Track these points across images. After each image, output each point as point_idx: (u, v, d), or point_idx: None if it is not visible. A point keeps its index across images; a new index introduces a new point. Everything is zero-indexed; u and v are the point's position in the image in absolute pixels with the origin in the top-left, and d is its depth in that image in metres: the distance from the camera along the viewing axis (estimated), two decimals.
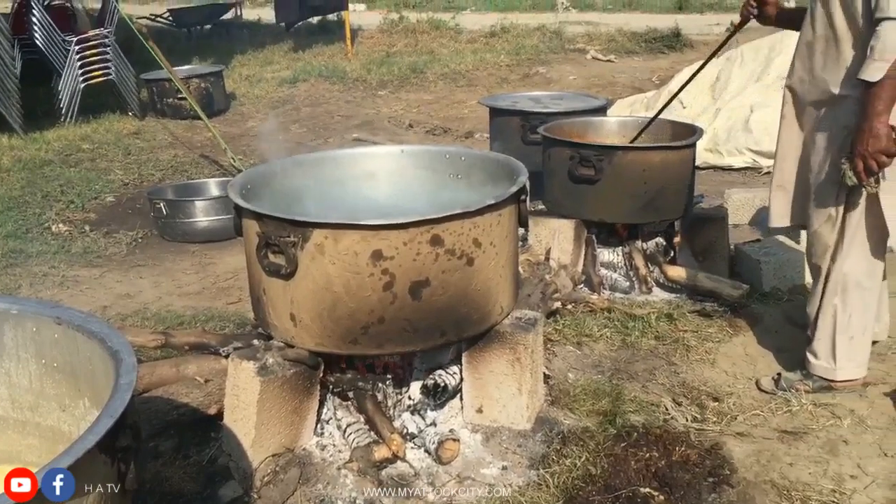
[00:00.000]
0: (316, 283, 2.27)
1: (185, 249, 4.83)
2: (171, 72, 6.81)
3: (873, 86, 2.50)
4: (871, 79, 2.49)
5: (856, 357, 2.92)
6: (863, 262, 2.83)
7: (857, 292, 2.86)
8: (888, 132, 2.51)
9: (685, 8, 17.75)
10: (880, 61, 2.46)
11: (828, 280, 2.88)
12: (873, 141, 2.51)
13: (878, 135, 2.51)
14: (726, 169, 6.17)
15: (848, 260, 2.82)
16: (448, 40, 12.99)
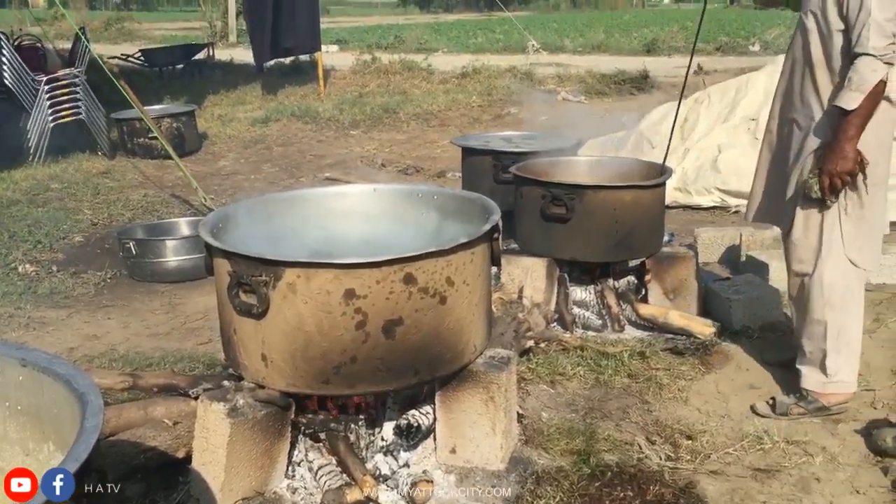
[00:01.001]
0: (288, 323, 2.25)
1: (155, 290, 4.78)
2: (142, 111, 6.79)
3: (848, 113, 2.73)
4: (847, 107, 2.73)
5: (847, 369, 3.02)
6: (846, 270, 2.94)
7: (845, 303, 2.97)
8: (855, 156, 2.77)
9: (653, 51, 18.11)
10: (857, 92, 2.70)
11: (812, 291, 2.99)
12: (842, 163, 2.77)
13: (846, 157, 2.76)
14: (695, 208, 6.24)
15: (829, 269, 2.94)
16: (420, 81, 13.11)
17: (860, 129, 2.76)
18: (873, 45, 2.67)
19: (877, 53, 2.67)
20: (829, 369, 3.01)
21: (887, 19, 2.67)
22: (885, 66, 2.68)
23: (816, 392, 3.04)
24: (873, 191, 2.88)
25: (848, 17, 2.75)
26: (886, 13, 2.68)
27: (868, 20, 2.67)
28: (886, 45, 2.67)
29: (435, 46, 20.45)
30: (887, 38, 2.68)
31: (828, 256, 2.94)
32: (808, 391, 3.06)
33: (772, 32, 19.99)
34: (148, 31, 29.24)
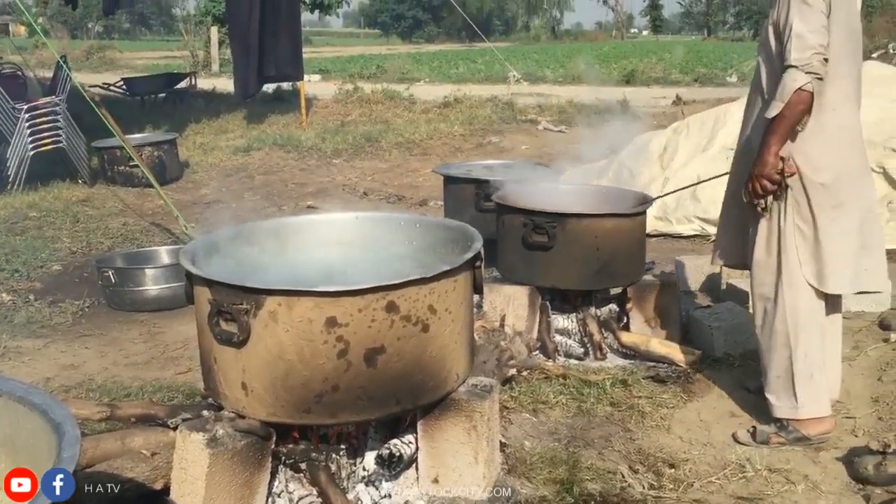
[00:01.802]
0: (269, 352, 2.23)
1: (134, 318, 4.73)
2: (123, 139, 6.77)
3: (771, 121, 2.83)
4: (768, 115, 2.84)
5: (815, 395, 3.01)
6: (807, 294, 2.97)
7: (808, 327, 2.97)
8: (775, 162, 2.86)
9: (632, 81, 18.34)
10: (778, 101, 2.80)
11: (776, 316, 3.01)
12: (760, 166, 2.88)
13: (765, 162, 2.87)
14: (675, 237, 6.29)
15: (790, 293, 2.96)
16: (402, 110, 13.19)
17: (780, 137, 2.84)
18: (795, 56, 2.75)
19: (798, 64, 2.74)
20: (800, 395, 3.01)
21: (810, 31, 2.75)
22: (806, 76, 2.74)
23: (790, 420, 3.04)
24: (834, 213, 2.90)
25: (781, 38, 2.85)
26: (809, 24, 2.76)
27: (791, 34, 2.77)
28: (809, 55, 2.74)
29: (417, 76, 20.62)
30: (810, 49, 2.74)
31: (787, 279, 2.97)
32: (785, 420, 3.05)
33: (748, 64, 20.28)
34: (130, 60, 29.28)
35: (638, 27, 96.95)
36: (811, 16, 2.77)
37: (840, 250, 2.94)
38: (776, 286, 3.00)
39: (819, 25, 2.77)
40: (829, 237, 2.91)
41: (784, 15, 2.83)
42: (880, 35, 17.64)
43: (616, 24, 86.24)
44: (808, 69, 2.74)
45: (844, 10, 2.85)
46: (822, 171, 2.88)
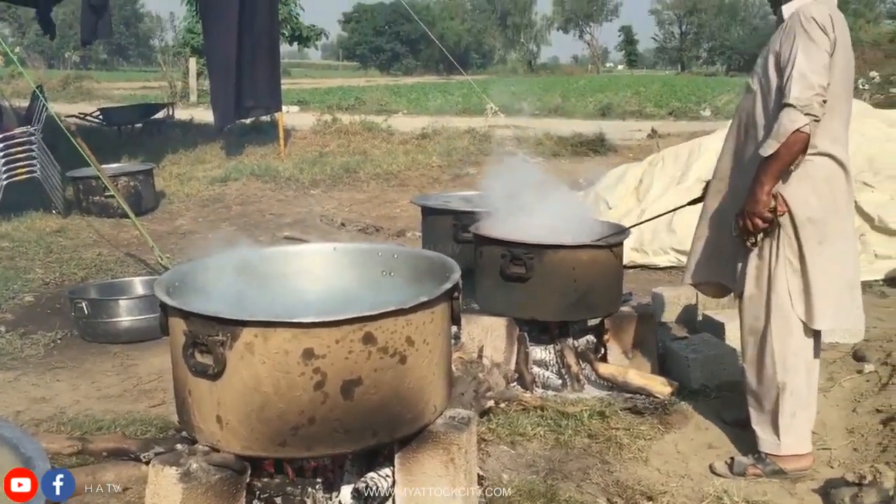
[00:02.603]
0: (244, 384, 2.21)
1: (107, 350, 4.67)
2: (98, 169, 6.73)
3: (766, 159, 2.83)
4: (763, 153, 2.84)
5: (798, 432, 3.03)
6: (798, 330, 2.97)
7: (798, 364, 2.98)
8: (767, 200, 2.86)
9: (608, 115, 18.56)
10: (774, 140, 2.80)
11: (766, 352, 3.01)
12: (752, 204, 2.89)
13: (757, 200, 2.87)
14: (652, 268, 6.33)
15: (781, 328, 2.97)
16: (380, 141, 13.23)
17: (774, 176, 2.84)
18: (795, 95, 2.74)
19: (797, 104, 2.73)
20: (783, 432, 3.02)
21: (813, 71, 2.74)
22: (805, 117, 2.73)
23: (773, 455, 3.05)
24: (820, 248, 2.90)
25: (782, 72, 2.84)
26: (813, 64, 2.75)
27: (793, 71, 2.76)
28: (810, 95, 2.73)
29: (395, 108, 20.73)
30: (811, 90, 2.73)
31: (776, 315, 2.97)
32: (764, 453, 3.07)
33: (722, 98, 20.67)
34: (107, 90, 29.18)
35: (613, 61, 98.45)
36: (816, 55, 2.75)
37: (827, 286, 2.94)
38: (766, 322, 3.00)
39: (822, 65, 2.76)
40: (817, 273, 2.91)
41: (789, 48, 2.81)
42: None
43: (592, 58, 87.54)
44: (808, 111, 2.73)
45: (843, 49, 2.84)
46: (811, 207, 2.89)
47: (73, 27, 38.74)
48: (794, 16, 2.85)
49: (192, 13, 21.83)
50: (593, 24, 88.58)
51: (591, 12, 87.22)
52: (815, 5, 2.85)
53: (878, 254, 5.85)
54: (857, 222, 5.97)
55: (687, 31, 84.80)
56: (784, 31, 2.88)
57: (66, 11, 39.86)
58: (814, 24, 2.77)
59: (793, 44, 2.80)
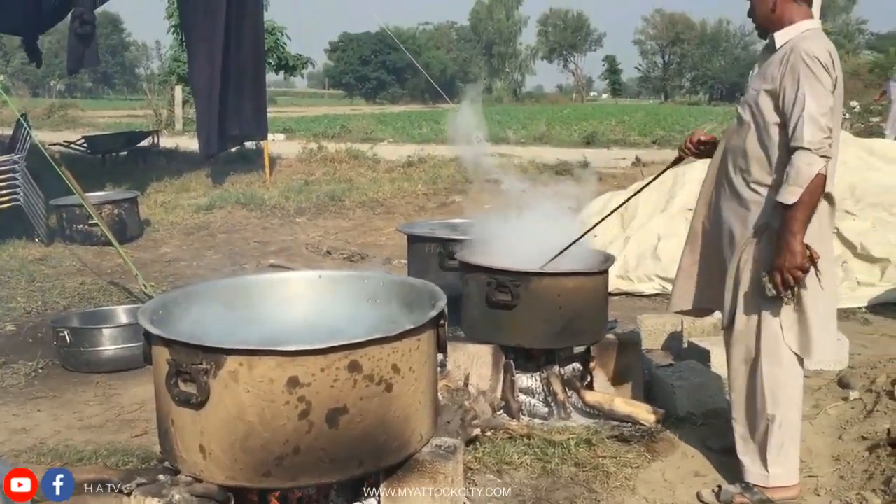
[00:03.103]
0: (228, 413, 2.19)
1: (89, 380, 4.61)
2: (82, 197, 6.69)
3: (790, 208, 2.75)
4: (787, 201, 2.75)
5: (786, 463, 3.01)
6: (789, 362, 2.96)
7: (788, 396, 2.97)
8: (803, 250, 2.77)
9: (593, 143, 18.70)
10: (795, 186, 2.73)
11: (756, 384, 2.99)
12: (790, 257, 2.77)
13: (794, 252, 2.76)
14: (637, 295, 6.34)
15: (772, 361, 2.95)
16: (366, 169, 13.26)
17: (804, 223, 2.77)
18: (809, 139, 2.71)
19: (812, 147, 2.71)
20: (771, 464, 3.00)
21: (822, 113, 2.73)
22: (821, 160, 2.72)
23: (760, 486, 3.03)
24: (813, 281, 2.89)
25: (784, 110, 2.81)
26: (821, 107, 2.73)
27: (803, 114, 2.73)
28: (822, 138, 2.72)
29: (381, 136, 20.81)
30: (822, 132, 2.72)
31: (766, 347, 2.95)
32: (752, 484, 3.05)
33: (705, 127, 20.80)
34: (92, 118, 29.16)
35: (597, 91, 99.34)
36: (824, 99, 2.74)
37: (822, 318, 2.93)
38: (756, 354, 2.99)
39: (829, 107, 2.75)
40: (812, 305, 2.89)
41: (794, 88, 2.78)
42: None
43: (576, 87, 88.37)
44: (823, 153, 2.72)
45: (839, 86, 2.85)
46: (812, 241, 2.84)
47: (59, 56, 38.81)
48: (796, 52, 2.80)
49: (178, 42, 21.87)
50: (577, 53, 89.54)
51: (575, 42, 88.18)
52: (814, 41, 2.82)
53: (861, 281, 5.90)
54: (840, 250, 6.02)
55: (670, 61, 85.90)
56: (783, 65, 2.84)
57: (52, 40, 39.92)
58: (819, 64, 2.75)
59: (798, 84, 2.77)
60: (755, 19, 3.03)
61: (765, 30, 3.01)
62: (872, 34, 59.59)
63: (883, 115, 17.97)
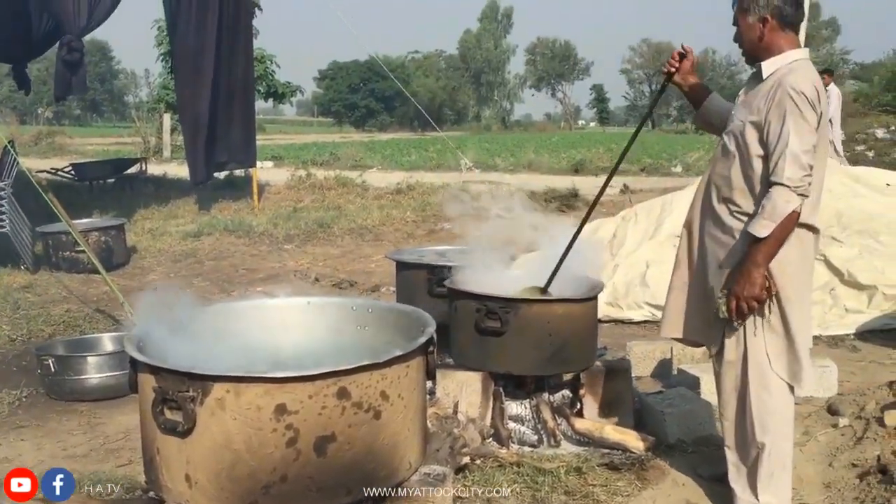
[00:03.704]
0: (215, 441, 2.16)
1: (74, 409, 4.56)
2: (69, 224, 6.66)
3: (758, 240, 2.76)
4: (758, 234, 2.76)
5: (777, 492, 2.98)
6: (779, 389, 2.94)
7: (778, 424, 2.95)
8: (763, 282, 2.80)
9: (581, 170, 18.80)
10: (768, 220, 2.73)
11: (746, 413, 2.97)
12: (749, 287, 2.80)
13: (754, 283, 2.79)
14: (626, 322, 6.33)
15: (762, 389, 2.93)
16: (355, 196, 13.27)
17: (769, 257, 2.78)
18: (788, 175, 2.71)
19: (791, 185, 2.71)
20: (762, 492, 2.98)
21: (804, 150, 2.72)
22: (798, 198, 2.72)
23: None
24: (800, 307, 2.90)
25: (768, 143, 2.80)
26: (804, 145, 2.73)
27: (785, 151, 2.72)
28: (801, 176, 2.71)
29: (370, 164, 20.87)
30: (803, 170, 2.72)
31: (755, 375, 2.93)
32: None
33: (692, 155, 21.06)
34: (80, 145, 29.14)
35: (585, 119, 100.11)
36: (808, 136, 2.74)
37: (806, 344, 2.92)
38: (745, 383, 2.97)
39: (812, 145, 2.75)
40: (801, 332, 2.89)
41: (779, 123, 2.77)
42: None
43: (564, 115, 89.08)
44: (801, 191, 2.72)
45: (824, 119, 2.84)
46: (790, 271, 2.86)
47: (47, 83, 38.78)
48: (783, 87, 2.80)
49: (167, 70, 21.96)
50: (565, 82, 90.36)
51: (563, 71, 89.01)
52: (802, 74, 2.81)
53: (849, 308, 5.91)
54: (827, 277, 6.05)
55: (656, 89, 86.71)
56: (769, 98, 2.83)
57: (40, 67, 39.98)
58: (805, 100, 2.75)
59: (783, 120, 2.76)
60: (741, 45, 3.02)
61: (752, 57, 3.01)
62: (857, 64, 60.45)
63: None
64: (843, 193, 7.01)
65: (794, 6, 2.91)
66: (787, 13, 2.89)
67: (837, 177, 7.19)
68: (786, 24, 2.90)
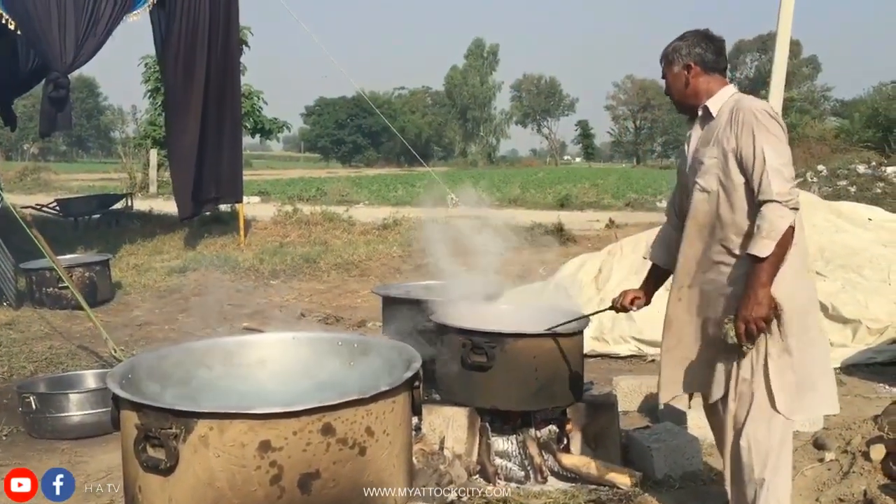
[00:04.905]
0: (198, 479, 2.13)
1: (55, 447, 4.49)
2: (53, 260, 6.63)
3: (761, 260, 2.75)
4: (760, 254, 2.74)
5: None
6: (777, 425, 2.90)
7: (778, 460, 2.91)
8: (770, 301, 2.77)
9: (567, 205, 18.90)
10: (768, 239, 2.73)
11: (744, 449, 2.92)
12: (757, 308, 2.76)
13: (761, 303, 2.76)
14: (613, 357, 6.33)
15: (761, 425, 2.89)
16: (341, 232, 13.28)
17: (772, 276, 2.77)
18: (777, 191, 2.72)
19: (781, 199, 2.72)
20: None
21: (783, 164, 2.76)
22: (791, 212, 2.73)
23: None
24: (806, 338, 2.87)
25: (746, 167, 2.82)
26: (782, 158, 2.77)
27: (766, 168, 2.75)
28: (789, 189, 2.74)
29: (356, 199, 20.92)
30: (788, 183, 2.75)
31: (759, 411, 2.89)
32: None
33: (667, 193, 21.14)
34: (65, 181, 29.08)
35: (571, 154, 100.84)
36: (782, 149, 2.78)
37: (811, 374, 2.90)
38: (746, 418, 2.92)
39: (789, 157, 2.79)
40: (803, 363, 2.87)
41: (750, 144, 2.80)
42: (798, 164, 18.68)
43: (550, 151, 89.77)
44: (792, 205, 2.74)
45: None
46: (793, 297, 2.85)
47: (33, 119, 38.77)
48: (744, 110, 2.85)
49: (154, 106, 22.01)
50: (551, 118, 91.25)
51: (548, 107, 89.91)
52: (751, 98, 2.93)
53: (833, 342, 5.93)
54: None
55: (641, 125, 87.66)
56: (733, 124, 2.87)
57: (26, 104, 39.94)
58: (769, 116, 2.81)
59: (754, 139, 2.80)
60: (672, 97, 3.14)
61: (682, 105, 3.11)
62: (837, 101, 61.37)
63: None
64: (825, 228, 7.08)
65: (715, 53, 3.03)
66: (707, 59, 3.01)
67: (821, 212, 7.27)
68: (709, 68, 3.02)
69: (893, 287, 6.41)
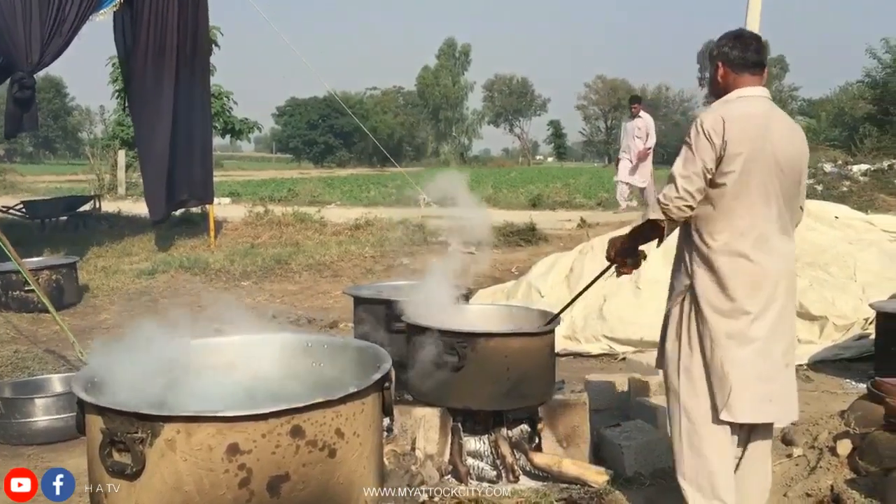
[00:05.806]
0: (164, 483, 2.10)
1: (21, 453, 4.42)
2: (18, 262, 6.51)
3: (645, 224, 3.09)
4: (647, 216, 3.07)
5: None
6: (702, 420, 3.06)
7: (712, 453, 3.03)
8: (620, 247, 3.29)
9: (539, 205, 18.94)
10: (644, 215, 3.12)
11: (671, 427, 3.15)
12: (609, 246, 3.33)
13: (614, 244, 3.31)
14: (585, 355, 6.36)
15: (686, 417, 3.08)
16: (313, 232, 13.19)
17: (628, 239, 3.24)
18: (664, 192, 2.97)
19: (661, 199, 2.97)
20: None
21: (682, 175, 2.94)
22: (661, 214, 2.96)
23: None
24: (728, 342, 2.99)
25: None
26: (685, 171, 2.94)
27: (671, 171, 2.99)
28: (673, 196, 2.94)
29: (328, 199, 20.81)
30: (675, 191, 2.95)
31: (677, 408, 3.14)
32: None
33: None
34: (32, 183, 28.66)
35: (543, 154, 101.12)
36: (690, 163, 2.94)
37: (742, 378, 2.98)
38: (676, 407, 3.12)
39: (693, 172, 2.92)
40: (731, 365, 2.97)
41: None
42: None
43: (522, 150, 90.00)
44: (667, 210, 2.94)
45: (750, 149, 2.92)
46: (717, 301, 2.98)
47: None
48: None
49: (121, 106, 21.74)
50: (523, 118, 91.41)
51: (520, 107, 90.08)
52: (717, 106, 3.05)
53: (801, 339, 6.01)
54: None
55: (612, 125, 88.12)
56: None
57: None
58: (698, 131, 2.95)
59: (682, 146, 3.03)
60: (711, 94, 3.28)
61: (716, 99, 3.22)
62: (805, 100, 62.08)
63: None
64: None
65: (740, 49, 3.10)
66: (733, 57, 3.10)
67: None
68: (735, 65, 3.10)
69: (859, 284, 6.51)
